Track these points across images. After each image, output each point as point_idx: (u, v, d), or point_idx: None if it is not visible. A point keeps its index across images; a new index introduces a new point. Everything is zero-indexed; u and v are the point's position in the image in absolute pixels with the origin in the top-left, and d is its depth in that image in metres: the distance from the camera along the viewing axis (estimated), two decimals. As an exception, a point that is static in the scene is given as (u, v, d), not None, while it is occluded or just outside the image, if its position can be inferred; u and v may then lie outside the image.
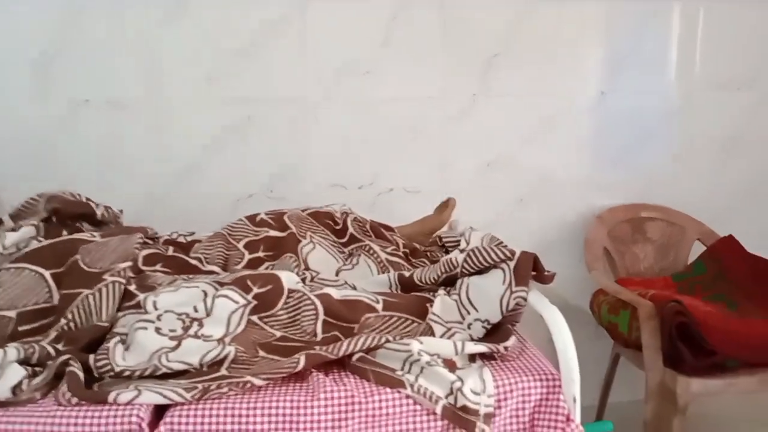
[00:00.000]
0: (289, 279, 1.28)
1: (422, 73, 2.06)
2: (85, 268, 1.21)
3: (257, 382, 1.05)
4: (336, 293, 1.27)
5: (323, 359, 1.11)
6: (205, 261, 1.42)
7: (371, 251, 1.53)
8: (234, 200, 2.00)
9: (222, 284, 1.24)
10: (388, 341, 1.14)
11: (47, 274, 1.20)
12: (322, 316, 1.23)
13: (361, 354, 1.13)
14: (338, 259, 1.53)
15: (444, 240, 1.62)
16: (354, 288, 1.36)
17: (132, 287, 1.22)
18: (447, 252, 1.57)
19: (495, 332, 1.21)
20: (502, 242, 1.44)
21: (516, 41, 2.08)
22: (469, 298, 1.24)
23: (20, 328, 1.15)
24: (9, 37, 1.84)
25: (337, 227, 1.61)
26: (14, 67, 1.86)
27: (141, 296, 1.19)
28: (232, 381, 1.04)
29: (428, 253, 1.59)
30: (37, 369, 1.06)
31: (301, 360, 1.09)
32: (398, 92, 2.06)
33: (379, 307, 1.25)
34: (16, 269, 1.20)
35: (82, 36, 1.87)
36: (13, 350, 1.04)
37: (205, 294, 1.21)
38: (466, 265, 1.29)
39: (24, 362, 1.06)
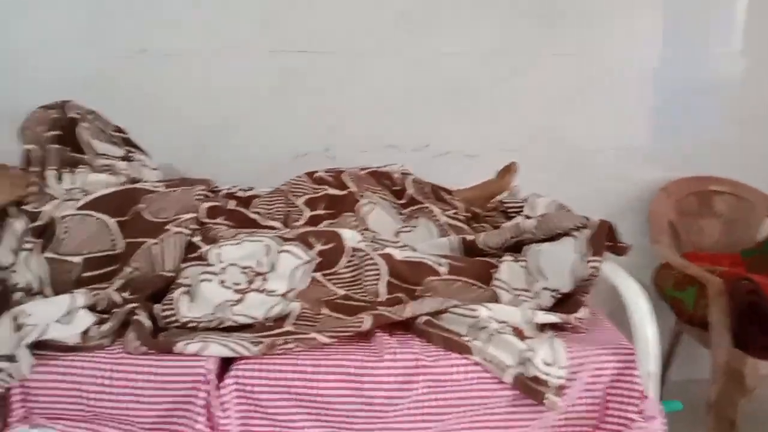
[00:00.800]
0: (351, 237, 1.25)
1: (482, 29, 1.97)
2: (149, 217, 1.20)
3: (323, 339, 1.03)
4: (398, 254, 1.24)
5: (388, 320, 1.08)
6: (266, 216, 1.40)
7: (432, 214, 1.48)
8: (289, 158, 1.96)
9: (285, 239, 1.22)
10: (455, 306, 1.10)
11: (111, 221, 1.19)
12: (385, 277, 1.20)
13: (427, 317, 1.09)
14: (397, 220, 1.49)
15: (506, 205, 1.56)
16: (415, 250, 1.32)
17: (195, 239, 1.20)
18: (509, 218, 1.52)
19: (565, 302, 1.16)
20: (570, 209, 1.38)
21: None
22: (538, 266, 1.19)
23: (85, 275, 1.15)
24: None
25: (396, 188, 1.57)
26: (72, 15, 1.84)
27: (204, 248, 1.18)
28: (298, 337, 1.03)
29: (489, 218, 1.54)
30: (103, 316, 1.06)
31: (367, 320, 1.06)
32: (456, 48, 1.98)
33: (443, 270, 1.22)
34: (82, 216, 1.19)
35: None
36: (81, 296, 1.04)
37: (269, 249, 1.19)
38: (536, 231, 1.24)
39: (91, 309, 1.06)
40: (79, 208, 1.21)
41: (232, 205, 1.38)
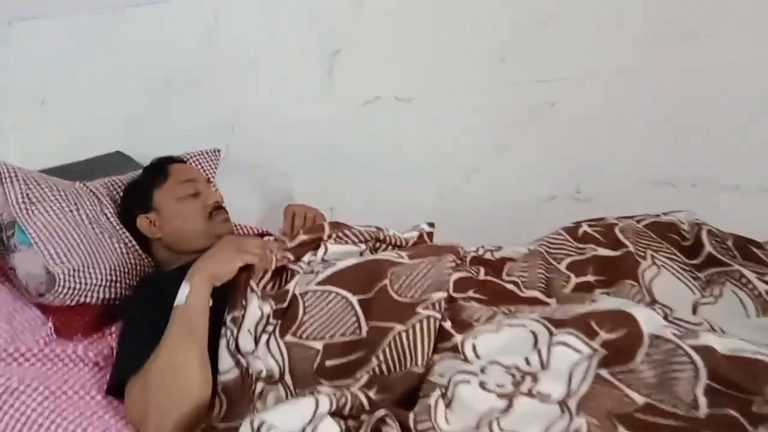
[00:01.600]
0: (650, 320, 0.95)
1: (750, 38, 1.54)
2: (396, 296, 1.03)
3: (633, 483, 0.74)
4: (720, 345, 0.91)
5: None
6: (523, 285, 1.15)
7: (742, 279, 1.11)
8: (535, 203, 1.71)
9: (556, 323, 0.96)
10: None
11: (354, 300, 1.04)
12: (704, 380, 0.87)
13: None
14: (694, 288, 1.14)
15: None
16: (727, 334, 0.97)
17: (447, 324, 1.00)
18: None
19: None
20: None
21: None
22: None
23: (326, 363, 1.01)
24: (302, 36, 1.81)
25: (687, 243, 1.22)
26: (305, 68, 1.82)
27: (458, 337, 0.96)
28: (594, 476, 0.75)
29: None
30: (350, 422, 0.89)
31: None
32: (735, 58, 1.56)
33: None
34: (322, 292, 1.06)
35: (367, 29, 1.76)
36: (325, 399, 0.89)
37: (537, 338, 0.94)
38: None
39: (335, 413, 0.90)
40: (319, 283, 1.08)
41: (482, 273, 1.16)
